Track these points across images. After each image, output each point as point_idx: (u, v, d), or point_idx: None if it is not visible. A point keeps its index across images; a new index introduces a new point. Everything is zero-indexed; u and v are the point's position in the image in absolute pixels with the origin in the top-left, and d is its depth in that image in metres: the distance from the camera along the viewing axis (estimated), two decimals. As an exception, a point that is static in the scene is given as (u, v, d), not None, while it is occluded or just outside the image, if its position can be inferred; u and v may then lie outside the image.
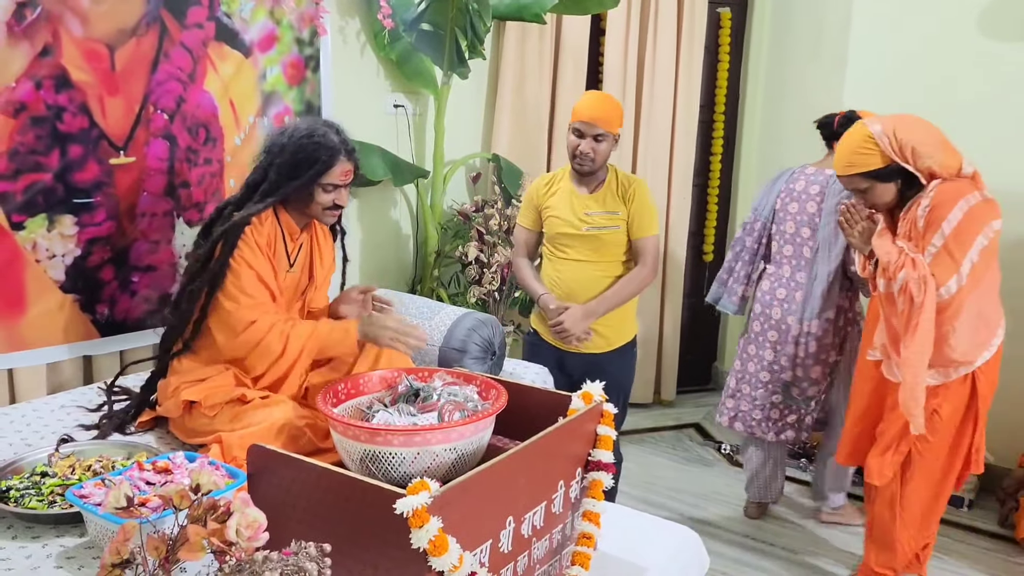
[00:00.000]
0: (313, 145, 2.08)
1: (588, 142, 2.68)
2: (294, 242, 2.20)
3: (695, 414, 4.42)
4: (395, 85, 3.56)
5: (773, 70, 4.37)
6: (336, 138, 2.12)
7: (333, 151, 2.09)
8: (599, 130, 2.67)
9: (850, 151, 2.40)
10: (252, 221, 2.07)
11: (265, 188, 2.11)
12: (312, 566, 1.11)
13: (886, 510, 2.54)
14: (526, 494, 1.40)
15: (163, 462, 1.69)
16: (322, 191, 2.11)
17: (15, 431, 2.13)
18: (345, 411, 1.64)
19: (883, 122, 2.37)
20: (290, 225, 2.18)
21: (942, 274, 2.30)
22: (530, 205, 2.89)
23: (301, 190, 2.10)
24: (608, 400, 1.62)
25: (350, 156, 2.14)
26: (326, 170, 2.08)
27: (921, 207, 2.34)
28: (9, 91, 2.30)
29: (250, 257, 2.05)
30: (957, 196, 2.30)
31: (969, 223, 2.29)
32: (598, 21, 4.12)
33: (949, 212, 2.29)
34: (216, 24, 2.74)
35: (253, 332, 2.01)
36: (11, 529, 1.64)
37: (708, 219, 4.58)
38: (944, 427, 2.43)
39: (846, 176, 2.43)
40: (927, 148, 2.32)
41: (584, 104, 2.73)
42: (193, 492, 1.21)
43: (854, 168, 2.39)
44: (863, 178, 2.40)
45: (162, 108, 2.63)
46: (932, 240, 2.31)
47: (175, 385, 2.07)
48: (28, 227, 2.38)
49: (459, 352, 2.52)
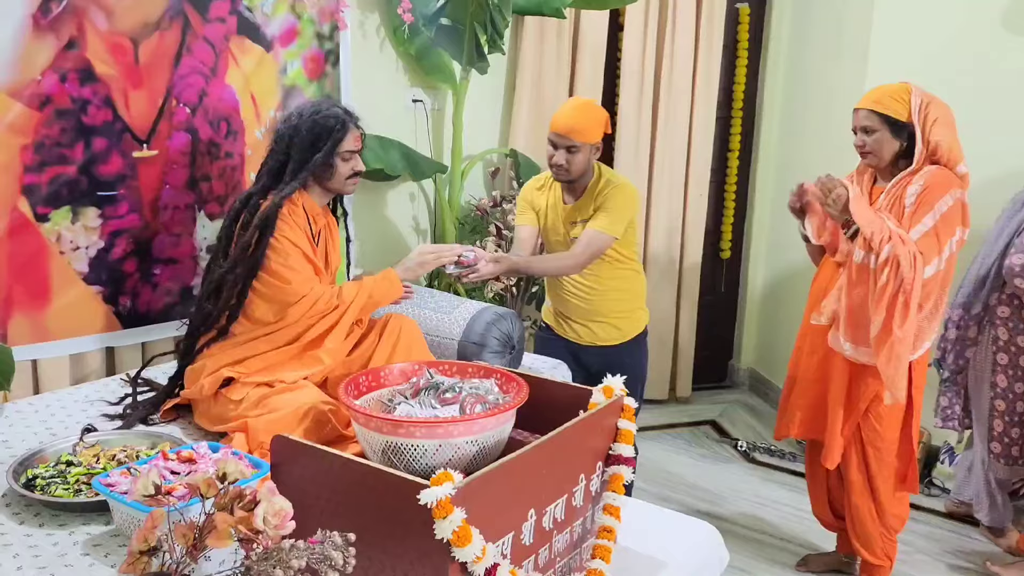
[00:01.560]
0: (324, 118, 2.21)
1: (562, 153, 2.63)
2: (316, 225, 2.27)
3: (711, 411, 4.42)
4: (414, 80, 3.56)
5: (792, 67, 4.34)
6: (340, 109, 2.26)
7: (343, 120, 2.23)
8: (572, 141, 2.60)
9: (884, 92, 2.49)
10: (286, 203, 2.15)
11: (292, 168, 2.19)
12: (337, 555, 1.12)
13: (861, 500, 2.60)
14: (548, 487, 1.41)
15: (187, 452, 1.71)
16: (341, 161, 2.23)
17: (40, 421, 2.15)
18: (366, 403, 1.65)
19: (924, 93, 2.47)
20: (313, 207, 2.26)
21: (928, 254, 2.36)
22: (526, 206, 2.85)
23: (324, 163, 2.20)
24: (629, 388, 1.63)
25: (356, 123, 2.28)
26: (342, 138, 2.21)
27: (913, 184, 2.41)
28: (35, 84, 2.32)
29: (293, 236, 2.15)
30: (949, 185, 2.39)
31: (955, 214, 2.38)
32: (616, 17, 4.11)
33: (942, 197, 2.37)
34: (238, 18, 2.76)
35: (306, 301, 2.11)
36: (38, 517, 1.66)
37: (725, 216, 4.57)
38: (889, 413, 2.51)
39: (866, 110, 2.49)
40: (946, 128, 2.41)
41: (559, 114, 2.68)
42: (220, 481, 1.22)
43: (878, 106, 2.47)
44: (880, 119, 2.46)
45: (184, 102, 2.65)
46: (924, 219, 2.38)
47: (212, 369, 2.10)
48: (53, 219, 2.41)
49: (478, 346, 2.53)
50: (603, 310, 2.80)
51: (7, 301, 2.36)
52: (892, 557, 2.66)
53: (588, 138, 2.63)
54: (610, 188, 2.70)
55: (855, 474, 2.59)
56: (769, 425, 4.23)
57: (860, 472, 2.59)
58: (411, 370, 1.74)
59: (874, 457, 2.56)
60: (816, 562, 2.92)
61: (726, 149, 4.50)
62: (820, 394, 2.63)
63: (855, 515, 2.62)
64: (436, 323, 2.63)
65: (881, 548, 2.63)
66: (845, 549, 2.85)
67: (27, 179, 2.35)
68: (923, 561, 2.99)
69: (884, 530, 2.62)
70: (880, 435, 2.54)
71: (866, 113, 2.48)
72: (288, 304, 2.11)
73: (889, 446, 2.55)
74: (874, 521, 2.61)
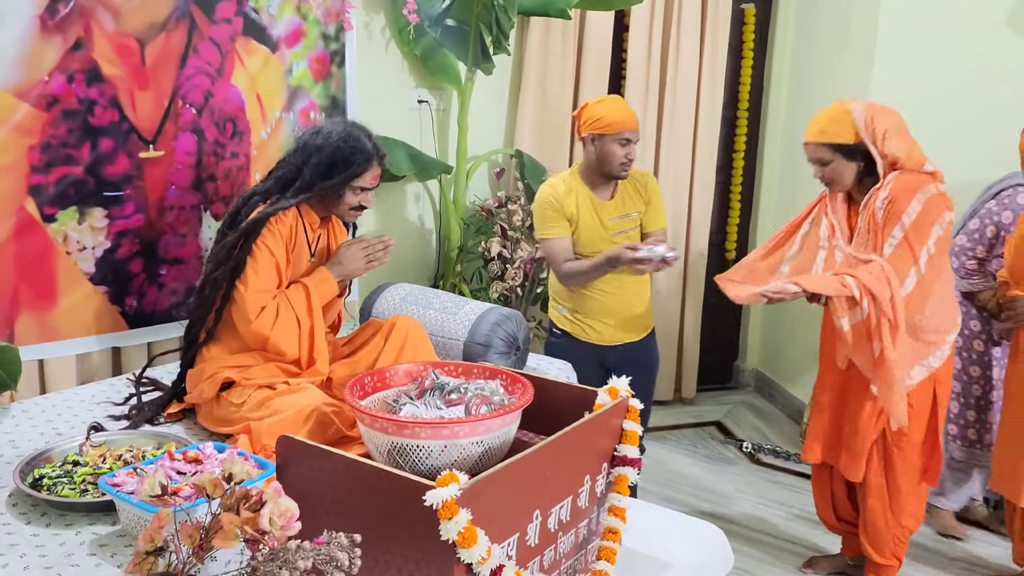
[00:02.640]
0: (349, 149, 2.15)
1: (632, 148, 2.73)
2: (314, 232, 2.26)
3: (716, 412, 4.41)
4: (419, 80, 3.57)
5: (798, 67, 4.34)
6: (369, 144, 2.19)
7: (368, 156, 2.17)
8: (638, 135, 2.75)
9: (826, 120, 2.47)
10: (278, 214, 2.13)
11: (299, 186, 2.17)
12: (343, 556, 1.12)
13: (876, 502, 2.58)
14: (553, 488, 1.41)
15: (193, 452, 1.71)
16: (351, 193, 2.20)
17: (46, 421, 2.16)
18: (371, 404, 1.65)
19: (865, 104, 2.45)
20: (311, 216, 2.24)
21: (902, 267, 2.35)
22: (558, 215, 2.77)
23: (332, 190, 2.17)
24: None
25: (381, 161, 2.23)
26: (360, 174, 2.17)
27: (879, 199, 2.39)
28: (42, 84, 2.33)
29: (272, 244, 2.12)
30: (915, 188, 2.36)
31: (927, 214, 2.35)
32: (622, 17, 4.11)
33: (908, 204, 2.35)
34: (244, 19, 2.77)
35: (266, 316, 2.07)
36: (44, 516, 1.67)
37: (731, 217, 4.56)
38: (916, 416, 2.49)
39: (814, 144, 2.48)
40: (897, 136, 2.39)
41: (624, 113, 2.72)
42: (226, 481, 1.23)
43: (825, 137, 2.46)
44: (830, 150, 2.45)
45: (191, 102, 2.66)
46: (892, 232, 2.36)
47: (210, 372, 2.09)
48: (59, 219, 2.42)
49: (483, 347, 2.53)
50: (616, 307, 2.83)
51: (14, 301, 2.37)
52: (901, 557, 2.65)
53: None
54: (649, 179, 2.85)
55: (874, 477, 2.56)
56: (774, 426, 4.23)
57: (879, 475, 2.56)
58: (416, 371, 1.74)
59: (899, 458, 2.53)
60: (821, 564, 2.92)
61: (731, 150, 4.49)
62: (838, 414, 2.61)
63: (869, 516, 2.60)
64: (441, 324, 2.63)
65: (892, 549, 2.62)
66: (850, 552, 2.85)
67: (34, 179, 2.36)
68: (924, 561, 2.98)
69: (899, 530, 2.59)
70: (907, 436, 2.51)
71: (814, 146, 2.48)
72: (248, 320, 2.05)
73: (914, 446, 2.52)
74: (888, 522, 2.58)
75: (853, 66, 3.79)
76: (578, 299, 2.85)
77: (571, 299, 2.87)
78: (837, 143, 2.43)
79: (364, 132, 2.23)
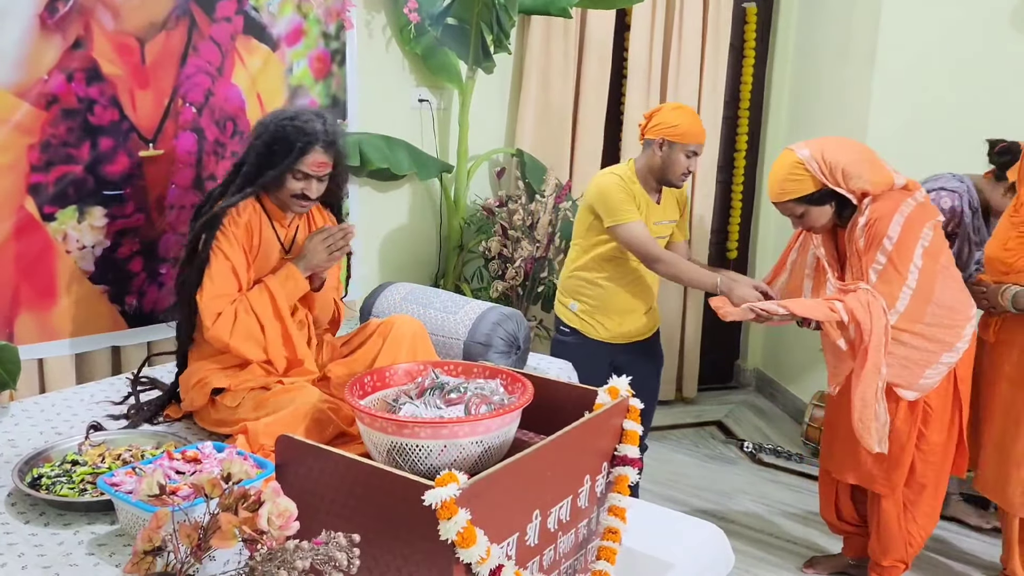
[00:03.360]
0: (292, 128, 2.04)
1: (695, 161, 2.76)
2: (284, 227, 2.19)
3: (717, 412, 4.40)
4: (420, 79, 3.56)
5: (800, 66, 4.33)
6: (319, 126, 2.06)
7: (310, 138, 2.03)
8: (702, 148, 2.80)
9: (781, 178, 2.43)
10: (230, 212, 2.07)
11: (244, 174, 2.09)
12: (342, 556, 1.11)
13: (891, 506, 2.56)
14: (553, 488, 1.40)
15: (192, 451, 1.70)
16: (292, 179, 2.07)
17: (45, 420, 2.16)
18: (371, 403, 1.64)
19: (811, 146, 2.40)
20: (275, 210, 2.16)
21: (891, 290, 2.33)
22: (632, 201, 2.75)
23: (274, 176, 2.06)
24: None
25: (328, 148, 2.08)
26: (300, 157, 2.04)
27: (859, 227, 2.37)
28: (41, 83, 2.33)
29: (227, 248, 2.05)
30: (892, 209, 2.33)
31: (907, 233, 2.33)
32: (623, 16, 4.10)
33: (887, 227, 2.32)
34: (244, 18, 2.76)
35: (223, 322, 2.01)
36: (43, 516, 1.66)
37: (732, 216, 4.56)
38: (937, 418, 2.47)
39: (780, 203, 2.46)
40: (856, 168, 2.35)
41: (699, 126, 2.77)
42: (224, 481, 1.22)
43: (787, 195, 2.43)
44: (797, 203, 2.43)
45: (191, 101, 2.66)
46: (876, 257, 2.34)
47: (198, 377, 2.08)
48: (59, 218, 2.42)
49: (484, 346, 2.52)
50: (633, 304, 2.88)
51: (13, 300, 2.37)
52: (908, 562, 2.62)
53: None
54: (683, 192, 2.90)
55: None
56: (775, 426, 4.22)
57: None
58: (416, 370, 1.73)
59: (919, 460, 2.51)
60: (822, 564, 2.91)
61: (733, 149, 4.48)
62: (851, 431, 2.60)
63: (884, 519, 2.58)
64: (441, 323, 2.62)
65: (902, 553, 2.59)
66: (851, 552, 2.84)
67: (34, 178, 2.36)
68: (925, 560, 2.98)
69: (915, 530, 2.57)
70: (926, 438, 2.49)
71: (782, 205, 2.47)
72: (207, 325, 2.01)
73: (934, 448, 2.50)
74: (901, 525, 2.56)
75: (854, 66, 3.78)
76: (600, 294, 2.86)
77: (590, 294, 2.88)
78: (801, 196, 2.41)
79: (316, 115, 2.10)
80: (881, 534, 2.60)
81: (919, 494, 2.55)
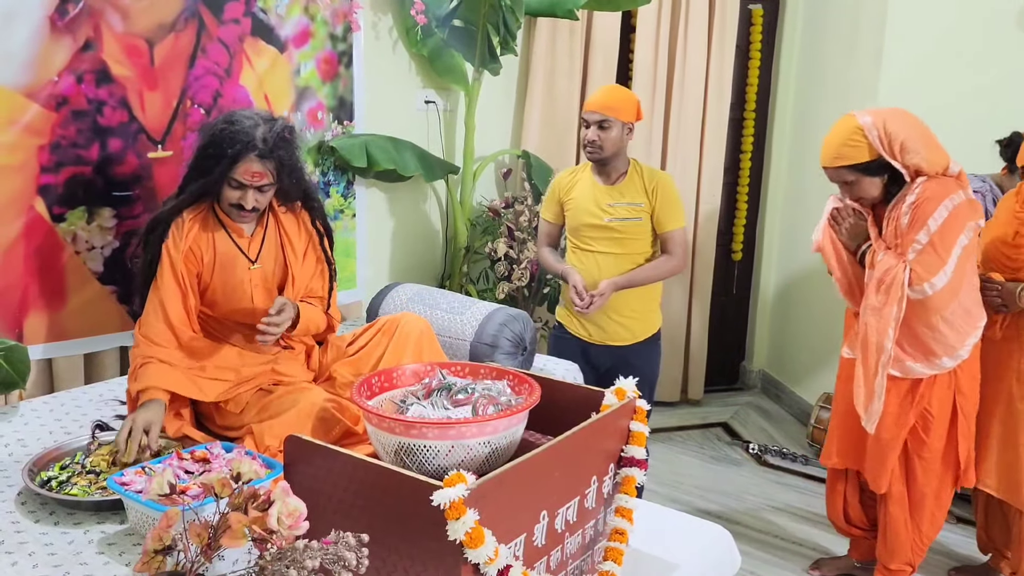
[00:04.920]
0: (226, 135, 1.92)
1: (594, 130, 2.72)
2: (245, 236, 2.08)
3: (723, 413, 4.40)
4: (426, 81, 3.57)
5: (805, 67, 4.33)
6: (257, 132, 1.93)
7: (242, 146, 1.90)
8: (602, 116, 2.70)
9: (839, 143, 2.38)
10: (171, 230, 2.00)
11: (185, 179, 2.02)
12: (351, 555, 1.12)
13: (898, 510, 2.56)
14: (560, 489, 1.41)
15: (201, 452, 1.72)
16: (228, 186, 1.95)
17: (55, 420, 2.17)
18: (379, 404, 1.65)
19: (873, 115, 2.35)
20: (231, 223, 2.05)
21: (927, 271, 2.31)
22: (553, 198, 2.92)
23: (209, 185, 1.96)
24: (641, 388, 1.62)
25: (266, 156, 1.93)
26: (232, 165, 1.91)
27: (906, 204, 2.34)
28: (51, 85, 2.34)
29: (165, 287, 1.98)
30: (943, 194, 2.30)
31: (953, 222, 2.30)
32: (629, 18, 4.10)
33: (935, 210, 2.29)
34: (252, 20, 2.77)
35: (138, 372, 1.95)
36: (53, 515, 1.67)
37: (738, 217, 4.56)
38: (936, 424, 2.47)
39: (832, 168, 2.41)
40: (915, 143, 2.31)
41: (591, 96, 2.81)
42: (234, 480, 1.23)
43: (841, 160, 2.37)
44: (850, 171, 2.38)
45: (199, 103, 2.67)
46: (917, 237, 2.31)
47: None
48: (68, 219, 2.43)
49: (490, 347, 2.53)
50: (617, 306, 2.79)
51: (23, 300, 2.38)
52: (916, 564, 2.63)
53: (619, 115, 2.72)
54: (660, 178, 2.82)
55: (897, 485, 2.54)
56: (781, 427, 4.22)
57: (902, 483, 2.54)
58: (423, 371, 1.74)
59: (920, 467, 2.51)
60: (828, 566, 2.91)
61: (738, 150, 4.48)
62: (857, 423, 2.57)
63: (890, 524, 2.58)
64: (448, 324, 2.63)
65: (908, 556, 2.59)
66: (858, 555, 2.84)
67: (43, 179, 2.37)
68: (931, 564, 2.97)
69: (919, 537, 2.57)
70: (927, 445, 2.48)
71: (834, 171, 2.41)
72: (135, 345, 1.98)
73: (935, 455, 2.49)
74: (908, 530, 2.57)
75: (861, 67, 3.78)
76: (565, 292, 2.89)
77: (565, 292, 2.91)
78: (855, 164, 2.36)
79: (261, 119, 1.96)
80: (888, 538, 2.60)
81: (921, 502, 2.54)
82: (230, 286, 2.06)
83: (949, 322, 2.37)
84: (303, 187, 2.11)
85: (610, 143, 2.72)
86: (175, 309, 2.00)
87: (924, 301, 2.32)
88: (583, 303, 2.72)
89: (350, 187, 3.25)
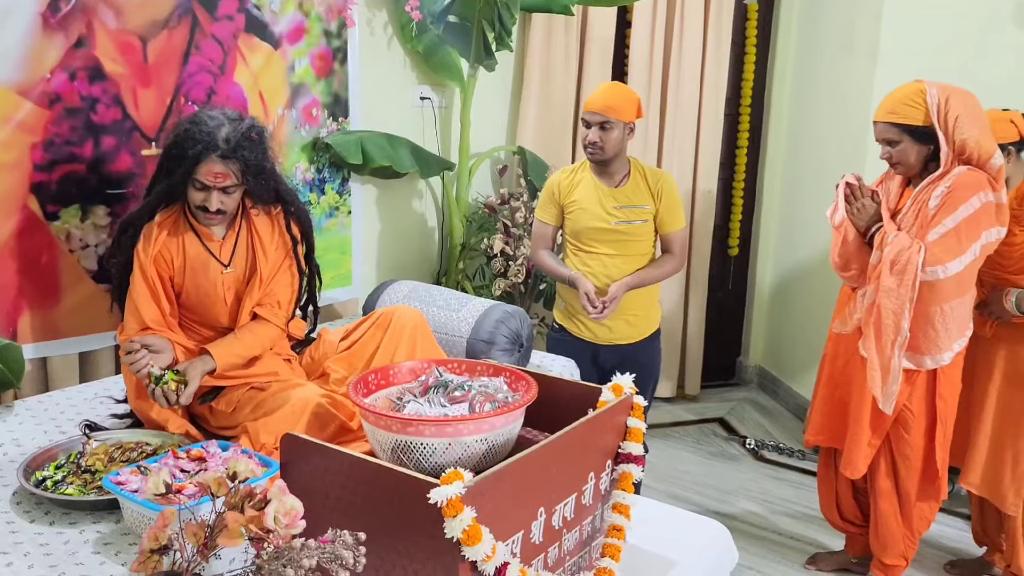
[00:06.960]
0: (188, 135, 1.89)
1: (595, 131, 2.68)
2: (217, 239, 2.05)
3: (719, 409, 4.41)
4: (422, 77, 3.56)
5: (801, 63, 4.33)
6: (220, 132, 1.89)
7: (203, 146, 1.87)
8: (604, 118, 2.67)
9: (898, 100, 2.39)
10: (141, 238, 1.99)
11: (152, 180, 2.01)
12: (348, 554, 1.12)
13: (887, 505, 2.57)
14: (557, 485, 1.41)
15: (197, 450, 1.71)
16: (192, 187, 1.92)
17: (50, 419, 2.16)
18: (375, 401, 1.64)
19: (941, 87, 2.36)
20: (201, 227, 2.02)
21: (945, 253, 2.30)
22: (552, 200, 2.85)
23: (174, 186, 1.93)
24: (639, 392, 1.62)
25: (228, 156, 1.89)
26: (194, 165, 1.88)
27: (937, 191, 2.33)
28: (44, 82, 2.33)
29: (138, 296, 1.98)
30: (977, 187, 2.30)
31: (983, 216, 2.31)
32: (624, 13, 4.09)
33: (968, 199, 2.29)
34: (246, 16, 2.76)
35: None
36: (48, 515, 1.67)
37: (734, 213, 4.55)
38: (916, 422, 2.48)
39: (884, 123, 2.40)
40: (970, 123, 2.31)
41: (592, 95, 2.75)
42: (230, 480, 1.23)
43: (895, 116, 2.38)
44: (899, 130, 2.38)
45: (193, 100, 2.66)
46: (944, 220, 2.31)
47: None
48: (62, 217, 2.42)
49: (487, 344, 2.53)
50: (623, 305, 2.77)
51: (17, 299, 2.37)
52: (909, 558, 2.64)
53: (621, 115, 2.68)
54: (664, 179, 2.81)
55: (883, 480, 2.56)
56: (777, 423, 4.22)
57: (888, 478, 2.55)
58: (420, 368, 1.74)
59: (903, 465, 2.52)
60: (825, 561, 2.91)
61: (734, 146, 4.48)
62: (841, 400, 2.60)
63: (880, 519, 2.59)
64: (444, 320, 2.62)
65: (901, 550, 2.60)
66: (854, 550, 2.84)
67: (37, 177, 2.36)
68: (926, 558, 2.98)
69: (909, 532, 2.59)
70: (908, 442, 2.49)
71: (884, 126, 2.40)
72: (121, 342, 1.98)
73: (917, 452, 2.50)
74: (899, 524, 2.58)
75: (856, 63, 3.78)
76: (572, 296, 2.82)
77: (568, 295, 2.86)
78: (906, 124, 2.36)
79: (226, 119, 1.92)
80: (880, 532, 2.61)
81: (907, 498, 2.55)
82: (203, 290, 2.05)
83: (945, 318, 2.37)
84: (274, 188, 2.06)
85: (612, 144, 2.69)
86: (150, 313, 2.00)
87: (933, 285, 2.32)
88: (596, 310, 2.68)
89: (345, 184, 3.24)
